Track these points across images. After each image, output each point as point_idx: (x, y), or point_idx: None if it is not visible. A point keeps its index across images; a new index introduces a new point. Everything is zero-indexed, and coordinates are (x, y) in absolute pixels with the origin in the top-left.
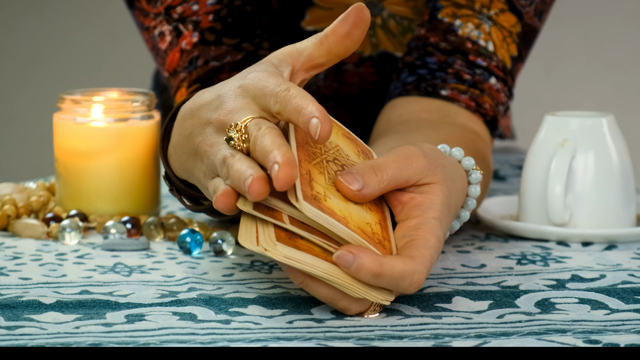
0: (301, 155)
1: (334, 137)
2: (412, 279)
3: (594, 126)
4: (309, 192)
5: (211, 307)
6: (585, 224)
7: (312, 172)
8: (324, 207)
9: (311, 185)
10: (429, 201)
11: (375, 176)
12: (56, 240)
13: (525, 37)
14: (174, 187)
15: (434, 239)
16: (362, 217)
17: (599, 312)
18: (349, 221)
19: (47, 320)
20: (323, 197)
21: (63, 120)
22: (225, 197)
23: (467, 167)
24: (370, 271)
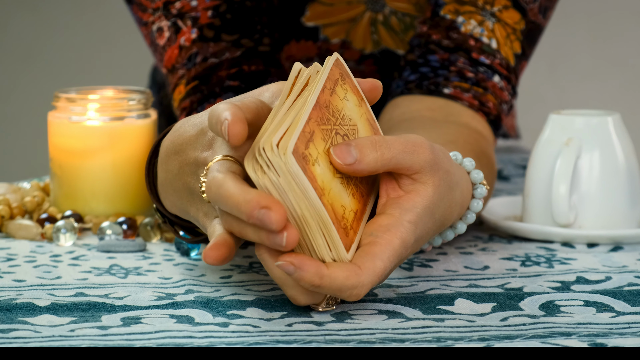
0: (314, 114)
1: (357, 117)
2: (352, 292)
3: (599, 125)
4: (301, 148)
5: (209, 309)
6: (590, 224)
7: (315, 133)
8: (307, 169)
9: (307, 144)
10: (411, 203)
11: (374, 151)
12: (51, 242)
13: (530, 34)
14: (167, 219)
15: (398, 242)
16: (341, 198)
17: (604, 314)
18: (325, 195)
19: (41, 323)
20: (313, 160)
21: (58, 119)
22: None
23: (475, 180)
24: (310, 282)
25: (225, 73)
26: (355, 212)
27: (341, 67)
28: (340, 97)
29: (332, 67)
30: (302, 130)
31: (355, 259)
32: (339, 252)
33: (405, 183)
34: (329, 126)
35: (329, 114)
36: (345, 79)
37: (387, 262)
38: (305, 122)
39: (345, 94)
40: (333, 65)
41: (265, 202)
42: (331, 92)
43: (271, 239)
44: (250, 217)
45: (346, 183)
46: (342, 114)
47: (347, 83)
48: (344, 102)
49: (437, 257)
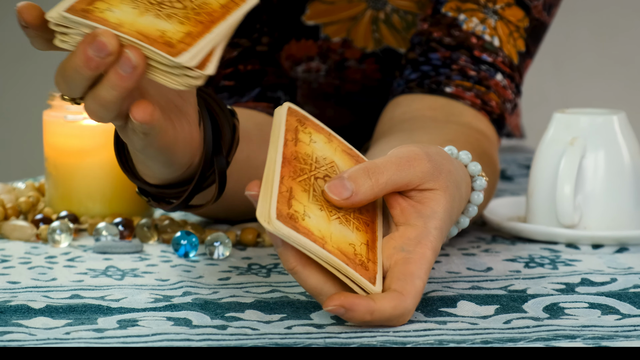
0: (285, 172)
1: (331, 153)
2: (399, 319)
3: (604, 124)
4: (284, 210)
5: (207, 312)
6: (595, 225)
7: (294, 189)
8: (299, 226)
9: (289, 203)
10: (431, 210)
11: (368, 180)
12: (46, 243)
13: (534, 32)
14: (150, 197)
15: (430, 254)
16: (345, 237)
17: (609, 317)
18: (327, 242)
19: (36, 326)
20: (301, 216)
21: (53, 117)
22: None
23: (473, 173)
24: (361, 319)
25: (220, 73)
26: (367, 242)
27: (296, 114)
28: (306, 143)
29: (286, 118)
30: (279, 192)
31: (395, 284)
32: (366, 289)
33: (412, 195)
34: (304, 176)
35: (301, 163)
36: (304, 123)
37: (425, 276)
38: (278, 183)
39: (311, 136)
40: (287, 115)
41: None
42: (295, 142)
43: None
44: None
45: (345, 220)
46: (314, 157)
47: (309, 126)
48: (311, 145)
49: (439, 258)
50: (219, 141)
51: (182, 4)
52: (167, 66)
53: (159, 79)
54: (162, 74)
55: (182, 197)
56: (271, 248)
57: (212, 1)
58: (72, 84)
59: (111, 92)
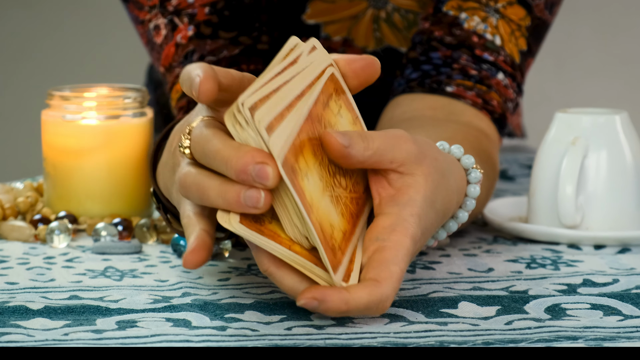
0: (305, 127)
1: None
2: (378, 307)
3: (606, 124)
4: (290, 160)
5: (206, 313)
6: (597, 226)
7: (306, 146)
8: (296, 182)
9: (297, 157)
10: (408, 197)
11: (362, 142)
12: (44, 243)
13: (536, 30)
14: (162, 205)
15: (408, 241)
16: (330, 216)
17: (611, 318)
18: (313, 211)
19: (34, 327)
20: (302, 174)
21: (51, 117)
22: (194, 256)
23: (467, 166)
24: (337, 311)
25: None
26: (344, 232)
27: (336, 82)
28: (334, 112)
29: (326, 81)
30: (292, 143)
31: (370, 273)
32: (328, 269)
33: (393, 178)
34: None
35: (322, 127)
36: (340, 95)
37: (402, 263)
38: (296, 133)
39: (340, 109)
40: (328, 79)
41: (261, 157)
42: (324, 105)
43: (244, 198)
44: (242, 172)
45: (335, 201)
46: (335, 129)
47: (342, 100)
48: (337, 117)
49: (440, 259)
50: None
51: (345, 181)
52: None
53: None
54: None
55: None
56: None
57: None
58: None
59: (217, 199)
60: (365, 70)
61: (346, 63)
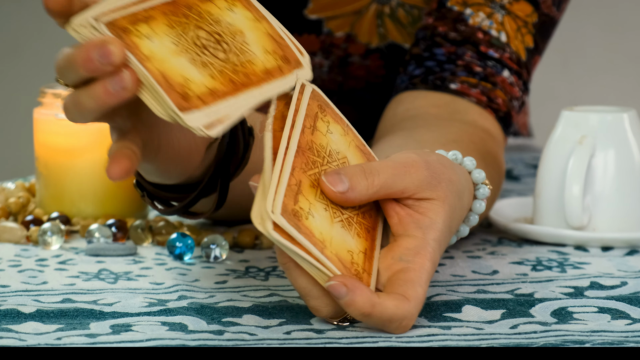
0: (297, 163)
1: (345, 148)
2: (401, 323)
3: (614, 122)
4: (290, 206)
5: (203, 316)
6: (605, 227)
7: (303, 183)
8: (301, 225)
9: (296, 198)
10: (430, 220)
11: (364, 179)
12: (36, 245)
13: (543, 27)
14: (145, 192)
15: (430, 265)
16: (345, 243)
17: (619, 322)
18: (326, 246)
19: (26, 331)
20: (305, 214)
21: (44, 115)
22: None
23: (477, 181)
24: (361, 309)
25: None
26: (365, 251)
27: (319, 98)
28: (322, 133)
29: (309, 101)
30: (287, 184)
31: (397, 289)
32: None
33: (409, 203)
34: (316, 169)
35: (314, 155)
36: (325, 110)
37: (425, 286)
38: (289, 173)
39: (328, 126)
40: (310, 98)
41: (99, 41)
42: (312, 130)
43: (110, 84)
44: (87, 62)
45: (347, 225)
46: (327, 150)
47: (328, 114)
48: (327, 136)
49: (444, 261)
50: (229, 158)
51: (226, 55)
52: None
53: (150, 106)
54: (156, 102)
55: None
56: (269, 251)
57: (258, 62)
58: (65, 74)
59: (90, 102)
60: None
61: None
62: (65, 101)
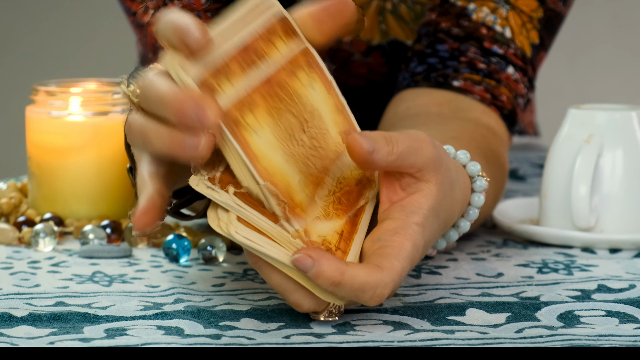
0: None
1: (321, 103)
2: (374, 292)
3: (622, 120)
4: (233, 113)
5: (200, 320)
6: (613, 228)
7: (258, 105)
8: (238, 133)
9: (242, 112)
10: (417, 204)
11: (386, 145)
12: (29, 247)
13: (548, 23)
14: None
15: (409, 245)
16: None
17: (627, 326)
18: (259, 160)
19: (18, 335)
20: (249, 129)
21: (36, 113)
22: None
23: (472, 173)
24: (330, 279)
25: None
26: (340, 232)
27: (310, 56)
28: (303, 84)
29: (296, 54)
30: (238, 99)
31: (372, 261)
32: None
33: (407, 183)
34: (279, 105)
35: (283, 93)
36: (313, 68)
37: (404, 263)
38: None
39: (312, 83)
40: (299, 53)
41: (201, 98)
42: (290, 74)
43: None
44: (179, 113)
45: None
46: (302, 100)
47: (316, 73)
48: (308, 89)
49: (447, 263)
50: None
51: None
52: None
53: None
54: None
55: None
56: None
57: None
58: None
59: (158, 143)
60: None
61: (307, 11)
62: (131, 121)
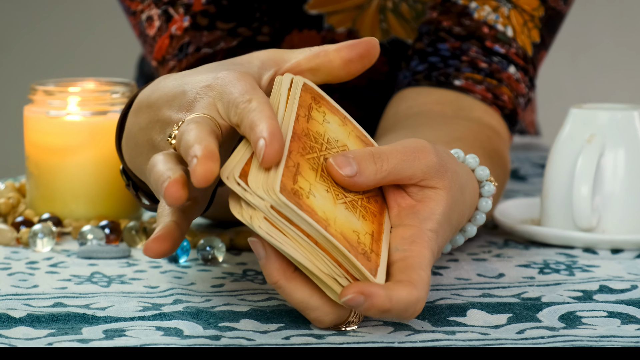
0: (294, 147)
1: (344, 136)
2: (415, 309)
3: (624, 120)
4: (289, 185)
5: (199, 321)
6: (614, 228)
7: (301, 165)
8: (302, 203)
9: (295, 178)
10: (429, 210)
11: (373, 164)
12: (27, 247)
13: (549, 21)
14: (131, 182)
15: (429, 253)
16: (350, 224)
17: (629, 327)
18: (330, 224)
19: (16, 336)
20: (306, 193)
21: (34, 113)
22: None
23: (481, 178)
24: (381, 308)
25: None
26: (372, 234)
27: (311, 91)
28: (319, 122)
29: (301, 93)
30: (285, 166)
31: (400, 276)
32: (368, 279)
33: (413, 191)
34: (314, 154)
35: (311, 141)
36: (319, 102)
37: (428, 271)
38: (286, 156)
39: (324, 116)
40: (302, 91)
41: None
42: (307, 118)
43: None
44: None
45: (352, 207)
46: (326, 137)
47: (323, 105)
48: (324, 125)
49: (448, 264)
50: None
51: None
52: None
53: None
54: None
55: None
56: None
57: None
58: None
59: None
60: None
61: (336, 52)
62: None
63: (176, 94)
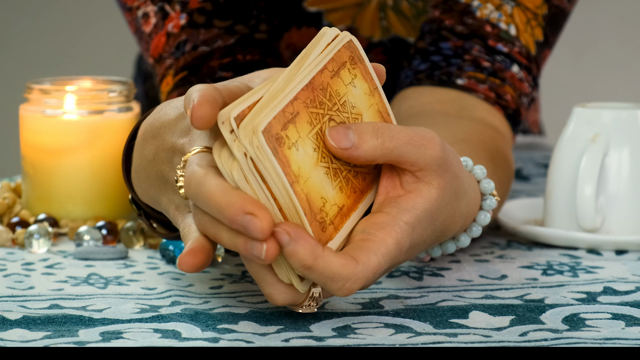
0: (302, 95)
1: (364, 106)
2: (344, 284)
3: (629, 119)
4: (276, 129)
5: (197, 323)
6: (619, 229)
7: (300, 115)
8: (279, 151)
9: (286, 125)
10: (412, 203)
11: (374, 138)
12: (23, 248)
13: (553, 20)
14: (142, 212)
15: (392, 243)
16: (322, 189)
17: (634, 329)
18: (299, 182)
19: (12, 338)
20: (289, 144)
21: (30, 112)
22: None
23: (485, 191)
24: (302, 260)
25: (217, 63)
26: (341, 207)
27: (353, 50)
28: (344, 82)
29: (341, 48)
30: (282, 110)
31: (349, 252)
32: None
33: (407, 181)
34: (320, 110)
35: (324, 97)
36: (356, 64)
37: (382, 260)
38: (289, 101)
39: (353, 79)
40: (343, 46)
41: (251, 207)
42: (333, 74)
43: (249, 248)
44: (232, 222)
45: (333, 174)
46: (342, 100)
47: (358, 68)
48: (348, 87)
49: (450, 265)
50: None
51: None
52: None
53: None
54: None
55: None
56: None
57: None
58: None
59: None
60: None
61: None
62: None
63: (177, 118)
